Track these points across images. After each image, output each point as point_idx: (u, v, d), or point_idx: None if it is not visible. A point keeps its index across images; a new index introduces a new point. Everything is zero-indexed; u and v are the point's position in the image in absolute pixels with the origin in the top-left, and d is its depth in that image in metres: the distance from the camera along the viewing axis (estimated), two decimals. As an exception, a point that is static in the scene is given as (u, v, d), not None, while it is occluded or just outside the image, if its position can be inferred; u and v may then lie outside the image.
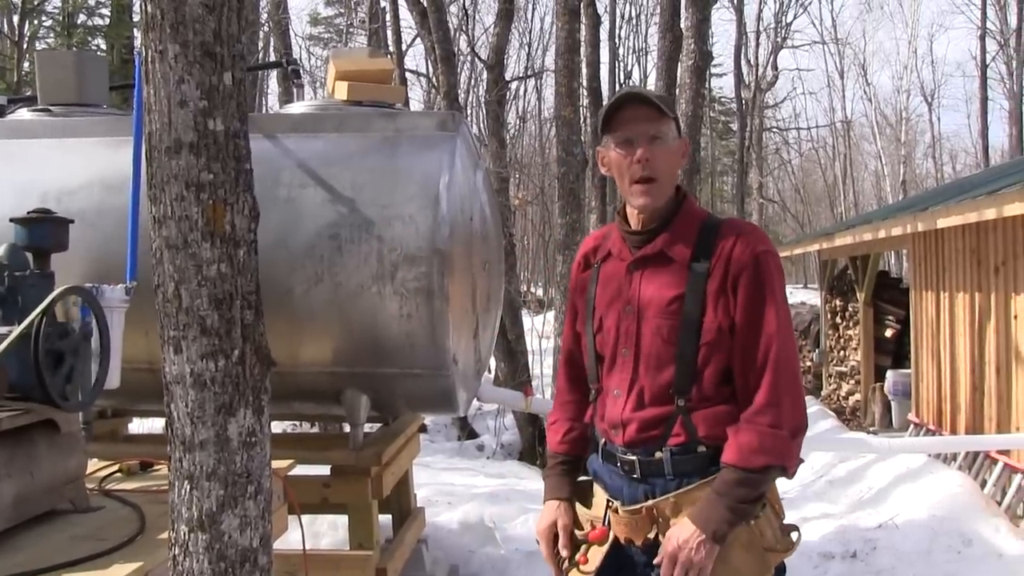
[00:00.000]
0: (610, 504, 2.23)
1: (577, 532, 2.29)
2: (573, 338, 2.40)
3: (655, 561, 2.09)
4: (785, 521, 2.17)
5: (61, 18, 12.98)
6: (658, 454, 2.13)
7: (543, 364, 12.47)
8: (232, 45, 1.92)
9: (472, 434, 11.47)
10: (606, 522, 2.24)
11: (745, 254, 2.09)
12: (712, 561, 2.02)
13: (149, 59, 1.90)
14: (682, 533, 2.04)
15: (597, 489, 2.31)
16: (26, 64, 12.00)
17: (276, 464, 2.71)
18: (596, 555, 2.23)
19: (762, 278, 2.08)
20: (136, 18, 12.33)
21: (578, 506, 2.34)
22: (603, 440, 2.27)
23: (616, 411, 2.19)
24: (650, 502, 2.14)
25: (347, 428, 4.15)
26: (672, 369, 2.11)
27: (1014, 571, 5.03)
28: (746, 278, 2.08)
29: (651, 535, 2.14)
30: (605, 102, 2.22)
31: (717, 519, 2.01)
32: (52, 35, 13.32)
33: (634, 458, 2.16)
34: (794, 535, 2.14)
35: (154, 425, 8.04)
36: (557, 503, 2.32)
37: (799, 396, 2.10)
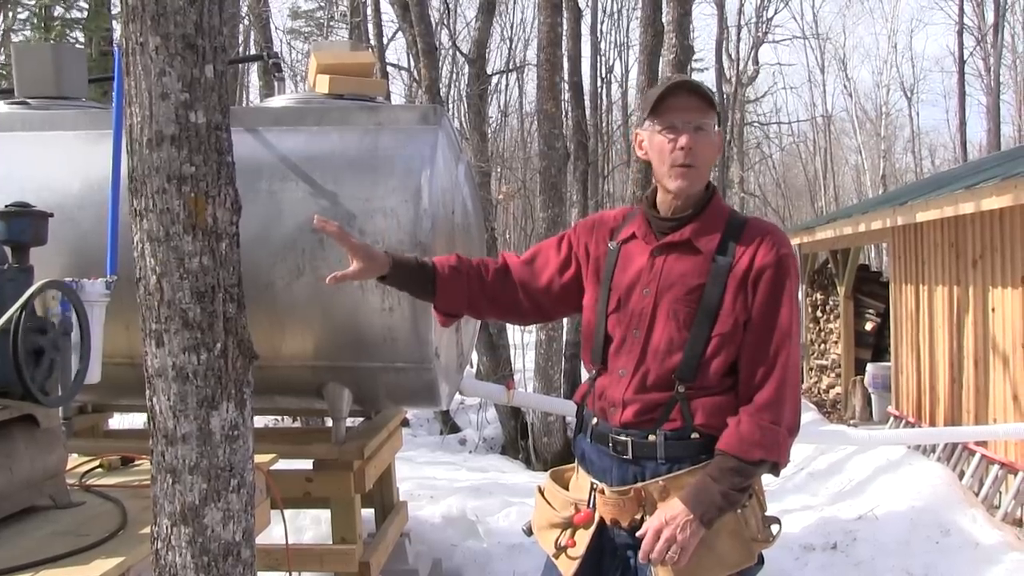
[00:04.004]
0: (595, 486, 2.25)
1: (561, 515, 2.30)
2: (524, 267, 2.43)
3: (638, 534, 2.11)
4: (767, 513, 2.20)
5: (38, 10, 12.84)
6: (652, 437, 2.16)
7: (525, 358, 12.48)
8: (214, 37, 1.91)
9: (454, 428, 11.47)
10: (591, 504, 2.25)
11: (769, 255, 2.15)
12: (696, 542, 2.04)
13: (130, 51, 1.88)
14: (670, 511, 2.07)
15: (580, 472, 2.34)
16: (2, 57, 11.88)
17: (258, 458, 2.70)
18: (583, 538, 2.25)
19: (782, 280, 2.15)
20: (115, 10, 12.22)
21: (560, 489, 2.37)
22: (596, 420, 2.29)
23: (618, 391, 2.22)
24: (639, 484, 2.17)
25: (329, 422, 4.14)
26: (680, 355, 2.15)
27: (991, 560, 5.09)
28: (767, 277, 2.14)
29: (637, 517, 2.16)
30: (657, 88, 2.23)
31: (708, 502, 2.05)
32: (29, 28, 13.17)
33: (627, 439, 2.19)
34: (775, 528, 2.18)
35: (134, 420, 8.01)
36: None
37: (798, 399, 2.17)
